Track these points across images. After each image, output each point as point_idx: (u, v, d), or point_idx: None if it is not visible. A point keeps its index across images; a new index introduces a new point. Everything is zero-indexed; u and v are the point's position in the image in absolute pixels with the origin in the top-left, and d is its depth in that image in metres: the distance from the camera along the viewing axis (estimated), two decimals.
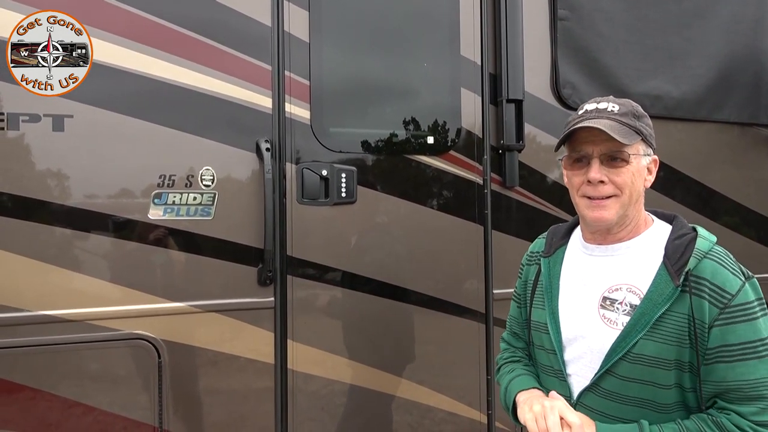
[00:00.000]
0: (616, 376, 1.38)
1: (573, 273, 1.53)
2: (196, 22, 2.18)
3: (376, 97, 2.47)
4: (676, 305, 1.34)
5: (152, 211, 2.12)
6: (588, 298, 1.46)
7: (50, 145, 2.02)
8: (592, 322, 1.43)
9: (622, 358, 1.37)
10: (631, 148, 1.40)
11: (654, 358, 1.34)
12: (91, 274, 2.06)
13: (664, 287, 1.35)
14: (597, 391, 1.41)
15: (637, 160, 1.41)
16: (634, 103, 1.46)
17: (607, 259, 1.47)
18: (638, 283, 1.40)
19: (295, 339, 2.30)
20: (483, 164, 2.57)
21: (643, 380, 1.35)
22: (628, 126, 1.40)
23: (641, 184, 1.43)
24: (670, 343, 1.33)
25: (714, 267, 1.34)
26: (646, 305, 1.36)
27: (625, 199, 1.41)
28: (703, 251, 1.36)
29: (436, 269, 2.51)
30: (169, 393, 2.13)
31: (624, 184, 1.40)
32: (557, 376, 1.49)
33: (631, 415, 1.38)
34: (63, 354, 2.03)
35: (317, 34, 2.34)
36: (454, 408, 2.53)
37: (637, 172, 1.41)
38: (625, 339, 1.37)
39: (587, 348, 1.43)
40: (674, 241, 1.40)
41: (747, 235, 3.10)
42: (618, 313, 1.40)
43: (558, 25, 2.69)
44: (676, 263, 1.36)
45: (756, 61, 3.08)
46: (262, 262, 2.23)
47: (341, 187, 2.35)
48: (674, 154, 2.93)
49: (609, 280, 1.44)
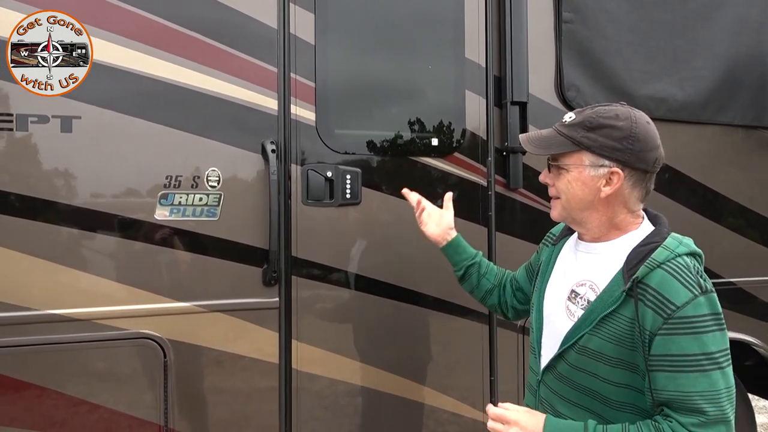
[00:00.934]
0: (566, 363, 1.51)
1: (562, 263, 1.66)
2: (203, 24, 2.20)
3: (381, 98, 2.48)
4: (622, 309, 1.41)
5: (158, 211, 2.14)
6: (563, 288, 1.60)
7: (58, 145, 2.04)
8: (559, 310, 1.58)
9: (571, 347, 1.49)
10: (569, 157, 1.50)
11: (596, 352, 1.44)
12: (97, 273, 2.07)
13: (614, 290, 1.44)
14: (553, 372, 1.55)
15: (578, 170, 1.49)
16: (597, 116, 1.49)
17: (585, 256, 1.58)
18: (599, 282, 1.49)
19: (299, 339, 2.31)
20: (487, 166, 2.57)
21: (587, 371, 1.46)
22: (565, 136, 1.49)
23: (587, 193, 1.49)
24: (610, 342, 1.42)
25: (663, 277, 1.37)
26: (596, 304, 1.46)
27: (564, 203, 1.54)
28: (658, 261, 1.39)
29: (440, 270, 2.51)
30: (175, 392, 2.15)
31: (560, 189, 1.53)
32: (534, 353, 1.66)
33: (583, 401, 1.49)
34: (69, 353, 2.04)
35: (323, 37, 2.36)
36: (457, 409, 2.53)
37: (576, 180, 1.50)
38: (575, 331, 1.49)
39: (552, 332, 1.58)
40: (639, 248, 1.45)
41: (751, 237, 3.09)
42: (577, 306, 1.52)
43: (563, 28, 2.69)
44: (631, 269, 1.42)
45: (761, 63, 3.08)
46: (267, 263, 2.25)
47: (346, 188, 2.37)
48: (679, 157, 2.93)
49: (579, 275, 1.56)
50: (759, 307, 3.08)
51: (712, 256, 2.94)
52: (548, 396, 1.59)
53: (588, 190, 1.49)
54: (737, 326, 2.99)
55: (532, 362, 1.68)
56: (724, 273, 2.99)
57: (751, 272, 3.08)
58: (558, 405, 1.55)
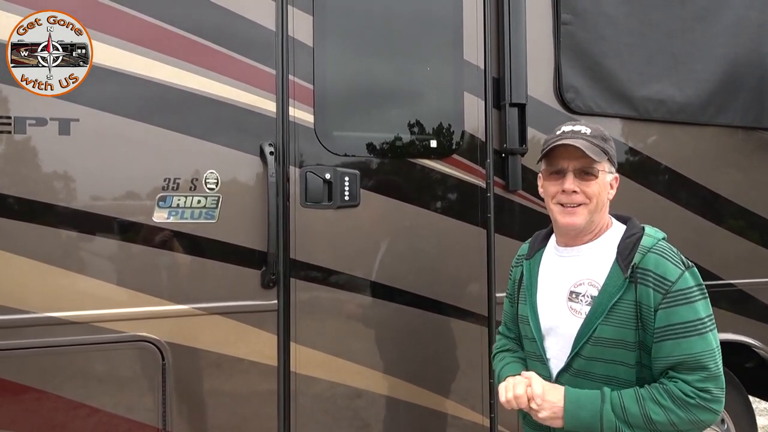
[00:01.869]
0: (583, 357, 1.63)
1: (548, 272, 1.78)
2: (201, 26, 2.20)
3: (379, 100, 2.48)
4: (626, 294, 1.59)
5: (157, 213, 2.14)
6: (559, 292, 1.72)
7: (56, 148, 2.04)
8: (562, 313, 1.69)
9: (587, 342, 1.62)
10: (600, 165, 1.67)
11: (612, 339, 1.59)
12: (95, 276, 2.07)
13: (616, 280, 1.61)
14: (570, 371, 1.66)
15: (603, 176, 1.68)
16: (602, 128, 1.74)
17: (573, 259, 1.72)
18: (597, 277, 1.65)
19: (298, 342, 2.30)
20: (486, 168, 2.57)
21: (605, 359, 1.60)
22: (597, 146, 1.66)
23: (605, 196, 1.70)
24: (623, 327, 1.58)
25: (657, 259, 1.59)
26: (602, 296, 1.62)
27: (592, 207, 1.67)
28: (647, 247, 1.61)
29: (439, 272, 2.52)
30: (173, 395, 2.15)
31: (593, 194, 1.67)
32: (540, 361, 1.74)
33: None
34: (67, 356, 2.04)
35: (321, 39, 2.35)
36: (456, 411, 2.53)
37: (603, 185, 1.68)
38: (587, 325, 1.62)
39: (560, 335, 1.69)
40: (625, 240, 1.66)
41: (751, 239, 3.09)
42: (581, 304, 1.66)
43: (561, 29, 2.69)
44: (625, 259, 1.61)
45: (760, 65, 3.07)
46: (266, 265, 2.24)
47: (344, 190, 2.36)
48: (679, 158, 2.93)
49: (574, 276, 1.70)
50: (759, 308, 3.07)
51: (712, 258, 2.95)
52: None
53: (605, 194, 1.70)
54: (737, 328, 2.99)
55: (537, 369, 1.73)
56: (724, 274, 2.98)
57: (751, 274, 3.07)
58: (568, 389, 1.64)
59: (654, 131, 2.91)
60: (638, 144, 2.86)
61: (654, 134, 2.92)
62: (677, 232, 2.91)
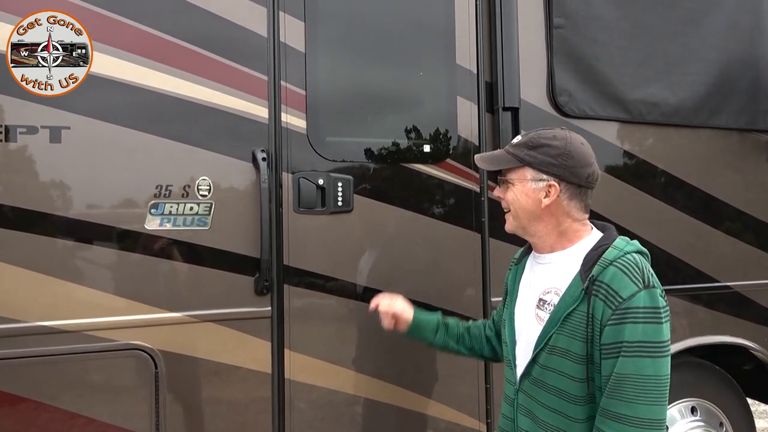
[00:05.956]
0: (539, 365, 1.64)
1: (526, 278, 1.81)
2: (192, 33, 2.19)
3: (372, 106, 2.48)
4: (581, 305, 1.56)
5: (149, 221, 2.13)
6: (530, 299, 1.74)
7: (48, 156, 2.03)
8: (530, 320, 1.71)
9: (542, 349, 1.62)
10: (514, 173, 1.70)
11: (563, 349, 1.58)
12: (87, 284, 2.06)
13: (574, 290, 1.59)
14: (528, 377, 1.67)
15: (522, 183, 1.68)
16: (538, 137, 1.69)
17: (546, 267, 1.73)
18: (562, 286, 1.64)
19: (292, 348, 2.29)
20: (480, 172, 2.57)
21: (557, 370, 1.59)
22: (511, 155, 1.70)
23: (530, 203, 1.68)
24: (573, 338, 1.56)
25: (614, 273, 1.53)
26: (559, 305, 1.61)
27: (514, 214, 1.72)
28: (609, 259, 1.56)
29: (433, 277, 2.51)
30: (166, 403, 2.13)
31: (509, 201, 1.72)
32: (509, 365, 1.77)
33: (553, 403, 1.60)
34: (59, 365, 2.02)
35: (313, 44, 2.35)
36: (452, 417, 2.51)
37: (521, 192, 1.69)
38: (544, 333, 1.63)
39: (525, 341, 1.71)
40: (592, 252, 1.62)
41: (748, 241, 3.08)
42: (545, 312, 1.65)
43: (554, 33, 2.69)
44: (587, 270, 1.58)
45: (753, 67, 3.08)
46: (259, 272, 2.23)
47: (338, 196, 2.36)
48: (673, 161, 2.92)
49: (544, 284, 1.70)
50: (757, 311, 3.06)
51: (709, 260, 2.95)
52: (526, 402, 1.69)
53: (531, 201, 1.68)
54: (735, 330, 2.98)
55: (509, 374, 1.80)
56: (721, 277, 2.98)
57: (748, 276, 3.06)
58: (536, 410, 1.66)
59: (648, 134, 2.91)
60: (632, 147, 2.86)
61: (648, 137, 2.91)
62: (672, 235, 2.93)
